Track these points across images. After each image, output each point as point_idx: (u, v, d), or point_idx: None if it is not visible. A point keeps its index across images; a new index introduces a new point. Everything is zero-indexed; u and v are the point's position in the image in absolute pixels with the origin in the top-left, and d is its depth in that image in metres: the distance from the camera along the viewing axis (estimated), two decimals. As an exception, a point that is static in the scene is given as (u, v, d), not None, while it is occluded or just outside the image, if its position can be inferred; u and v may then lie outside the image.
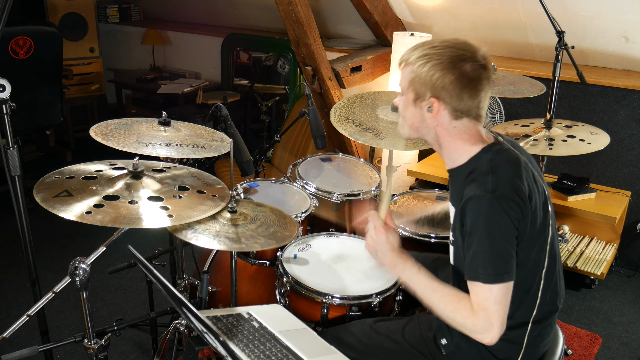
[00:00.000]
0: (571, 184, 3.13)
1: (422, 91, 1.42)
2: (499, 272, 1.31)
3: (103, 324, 1.95)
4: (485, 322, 1.31)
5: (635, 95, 3.09)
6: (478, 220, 1.34)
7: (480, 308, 1.32)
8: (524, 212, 1.35)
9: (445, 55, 1.38)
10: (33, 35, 3.50)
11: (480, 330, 1.32)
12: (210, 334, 1.16)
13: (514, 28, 3.38)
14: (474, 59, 1.39)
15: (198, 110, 4.46)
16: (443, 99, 1.40)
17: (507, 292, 1.33)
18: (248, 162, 2.10)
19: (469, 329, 1.34)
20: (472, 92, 1.39)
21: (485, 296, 1.32)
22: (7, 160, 1.67)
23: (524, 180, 1.37)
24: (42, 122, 3.88)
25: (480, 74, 1.39)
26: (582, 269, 2.99)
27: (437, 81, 1.38)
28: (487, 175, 1.36)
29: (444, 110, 1.42)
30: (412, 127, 1.51)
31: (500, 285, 1.31)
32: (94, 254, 1.52)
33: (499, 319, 1.30)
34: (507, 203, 1.32)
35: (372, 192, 2.31)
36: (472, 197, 1.35)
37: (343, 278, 1.79)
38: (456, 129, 1.44)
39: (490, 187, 1.34)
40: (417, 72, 1.41)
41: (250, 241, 1.62)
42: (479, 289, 1.33)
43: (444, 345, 1.52)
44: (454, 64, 1.37)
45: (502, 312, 1.31)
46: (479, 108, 1.42)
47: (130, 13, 5.51)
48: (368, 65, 3.75)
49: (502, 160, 1.40)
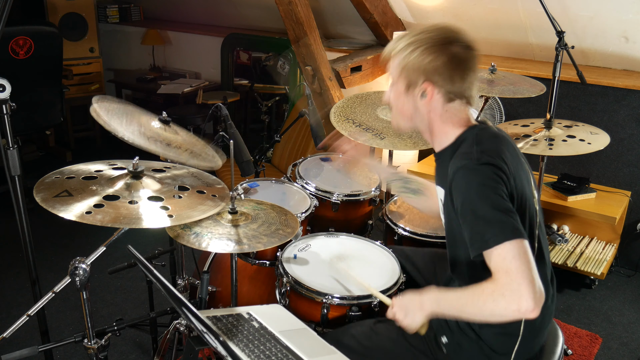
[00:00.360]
0: (571, 184, 3.14)
1: (414, 78, 1.43)
2: (507, 229, 1.25)
3: (103, 324, 1.96)
4: (511, 285, 1.20)
5: (635, 95, 3.09)
6: (469, 189, 1.31)
7: (500, 273, 1.23)
8: (509, 178, 1.33)
9: (433, 40, 1.40)
10: (33, 35, 3.50)
11: (511, 298, 1.20)
12: (210, 334, 1.16)
13: (514, 28, 3.38)
14: (460, 41, 1.41)
15: (198, 110, 4.45)
16: (436, 82, 1.41)
17: (524, 249, 1.23)
18: (248, 162, 2.10)
19: (502, 305, 1.22)
20: (462, 74, 1.41)
21: (501, 258, 1.23)
22: (7, 160, 1.67)
23: (506, 153, 1.38)
24: (42, 122, 3.88)
25: (469, 55, 1.41)
26: (582, 269, 2.99)
27: (429, 65, 1.40)
28: (472, 147, 1.37)
29: (438, 94, 1.43)
30: (405, 117, 1.51)
31: (512, 241, 1.23)
32: (94, 254, 1.52)
33: (525, 276, 1.20)
34: (494, 168, 1.32)
35: (372, 192, 2.31)
36: (459, 168, 1.35)
37: (343, 278, 1.79)
38: (448, 113, 1.45)
39: (476, 156, 1.34)
40: (407, 59, 1.42)
41: (253, 241, 1.62)
42: (492, 255, 1.25)
43: (445, 344, 1.51)
44: (444, 47, 1.39)
45: (526, 268, 1.21)
46: (470, 89, 1.44)
47: (130, 13, 5.51)
48: (368, 65, 3.76)
49: (487, 135, 1.42)
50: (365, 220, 2.38)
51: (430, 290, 1.42)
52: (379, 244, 1.98)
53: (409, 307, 1.45)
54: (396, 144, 2.22)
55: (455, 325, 1.50)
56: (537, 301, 1.20)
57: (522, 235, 1.26)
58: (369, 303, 1.69)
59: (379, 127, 2.32)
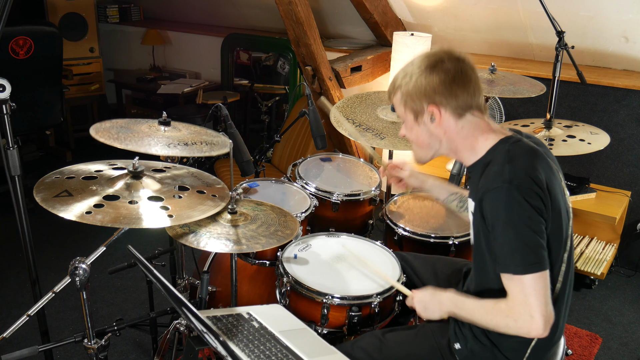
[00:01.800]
0: (571, 184, 3.14)
1: (417, 106, 1.45)
2: (529, 262, 1.29)
3: (103, 324, 1.96)
4: (524, 316, 1.28)
5: (635, 95, 3.09)
6: (498, 212, 1.33)
7: (517, 302, 1.30)
8: (544, 201, 1.33)
9: (423, 64, 1.43)
10: (33, 35, 3.50)
11: (521, 325, 1.29)
12: (210, 334, 1.16)
13: (514, 28, 3.38)
14: (450, 57, 1.42)
15: (198, 110, 4.46)
16: (440, 102, 1.42)
17: (542, 282, 1.29)
18: (248, 162, 2.10)
19: (513, 329, 1.32)
20: (462, 85, 1.41)
21: (518, 289, 1.30)
22: (7, 160, 1.67)
23: (540, 171, 1.36)
24: (42, 122, 3.88)
25: (461, 66, 1.42)
26: (582, 269, 2.99)
27: (427, 88, 1.42)
28: (504, 166, 1.36)
29: (446, 113, 1.43)
30: (423, 147, 1.52)
31: (532, 275, 1.29)
32: (94, 254, 1.52)
33: (538, 309, 1.27)
34: (526, 192, 1.31)
35: (372, 192, 2.31)
36: (490, 189, 1.34)
37: (343, 278, 1.79)
38: (464, 129, 1.45)
39: (508, 177, 1.33)
40: (405, 91, 1.46)
41: (251, 242, 1.62)
42: (511, 282, 1.32)
43: (458, 350, 1.51)
44: (433, 67, 1.42)
45: (541, 302, 1.28)
46: (476, 98, 1.44)
47: (130, 13, 5.51)
48: (368, 65, 3.75)
49: (519, 151, 1.40)
50: (365, 220, 2.38)
51: (450, 292, 1.49)
52: (379, 244, 1.98)
53: (429, 303, 1.53)
54: (396, 144, 2.22)
55: (469, 332, 1.49)
56: (547, 327, 1.29)
57: (544, 267, 1.31)
58: (369, 304, 1.69)
59: (379, 127, 2.32)
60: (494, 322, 1.36)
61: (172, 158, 1.93)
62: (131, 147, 1.71)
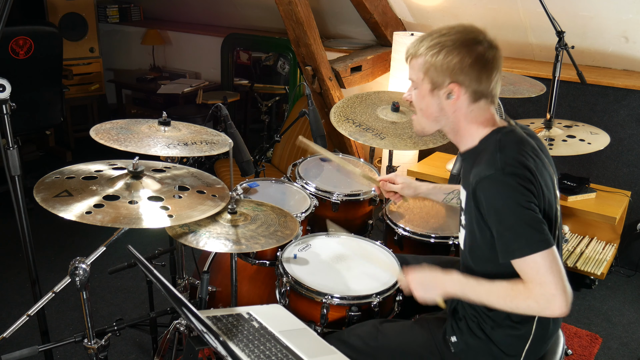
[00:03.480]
0: (571, 184, 3.14)
1: (439, 79, 1.42)
2: (536, 241, 1.28)
3: (103, 324, 1.96)
4: (545, 295, 1.26)
5: (635, 95, 3.09)
6: (494, 199, 1.32)
7: (534, 284, 1.28)
8: (536, 186, 1.33)
9: (459, 41, 1.39)
10: (33, 35, 3.50)
11: (545, 305, 1.27)
12: (210, 334, 1.16)
13: (514, 28, 3.38)
14: (485, 41, 1.41)
15: (198, 110, 4.46)
16: (462, 82, 1.41)
17: (554, 258, 1.28)
18: (248, 162, 2.10)
19: (535, 310, 1.29)
20: (489, 73, 1.41)
21: (533, 270, 1.28)
22: (7, 160, 1.67)
23: (529, 159, 1.36)
24: (42, 122, 3.88)
25: (494, 54, 1.42)
26: (582, 269, 2.99)
27: (456, 66, 1.39)
28: (495, 154, 1.36)
29: (464, 94, 1.42)
30: (430, 119, 1.49)
31: (541, 253, 1.27)
32: (94, 254, 1.52)
33: (557, 286, 1.26)
34: (520, 177, 1.31)
35: (372, 192, 2.31)
36: (483, 177, 1.34)
37: (343, 278, 1.79)
38: (473, 113, 1.45)
39: (500, 165, 1.33)
40: (432, 61, 1.41)
41: (251, 242, 1.62)
42: (523, 265, 1.30)
43: (454, 343, 1.51)
44: (469, 47, 1.39)
45: (557, 278, 1.26)
46: (495, 88, 1.45)
47: (130, 13, 5.51)
48: (368, 65, 3.76)
49: (510, 140, 1.41)
50: (365, 220, 2.38)
51: (453, 273, 1.45)
52: (379, 244, 1.98)
53: (429, 283, 1.47)
54: (396, 144, 2.22)
55: (465, 326, 1.50)
56: (569, 304, 1.27)
57: (551, 244, 1.29)
58: (369, 303, 1.69)
59: (379, 127, 2.31)
60: (514, 305, 1.32)
61: (172, 158, 1.94)
62: (131, 148, 1.71)
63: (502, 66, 1.45)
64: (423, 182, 2.01)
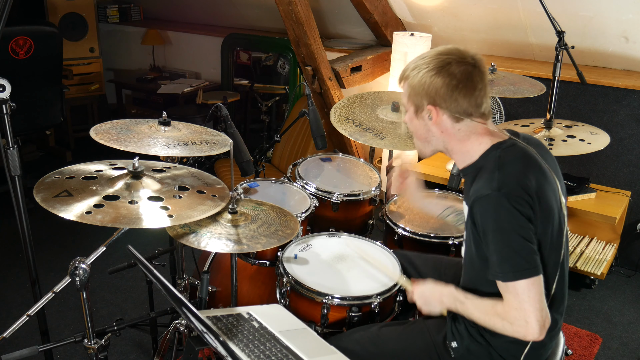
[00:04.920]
0: (571, 184, 3.14)
1: (419, 102, 1.46)
2: (520, 269, 1.30)
3: (103, 324, 1.96)
4: (519, 320, 1.31)
5: (635, 95, 3.09)
6: (488, 219, 1.34)
7: (512, 307, 1.32)
8: (534, 208, 1.33)
9: (433, 63, 1.42)
10: (33, 35, 3.50)
11: (517, 330, 1.32)
12: (210, 334, 1.16)
13: (514, 28, 3.38)
14: (461, 60, 1.40)
15: (198, 110, 4.45)
16: (439, 104, 1.42)
17: (536, 287, 1.30)
18: (248, 162, 2.10)
19: (510, 331, 1.34)
20: (465, 92, 1.40)
21: (512, 295, 1.32)
22: (7, 160, 1.67)
23: (530, 177, 1.36)
24: (42, 122, 3.88)
25: (470, 72, 1.39)
26: (582, 269, 2.99)
27: (430, 88, 1.41)
28: (494, 173, 1.36)
29: (443, 115, 1.43)
30: (422, 140, 1.53)
31: (524, 281, 1.30)
32: (94, 254, 1.52)
33: (533, 315, 1.29)
34: (514, 200, 1.31)
35: (372, 192, 2.31)
36: (479, 197, 1.35)
37: (343, 278, 1.79)
38: (461, 132, 1.45)
39: (496, 185, 1.33)
40: (411, 84, 1.45)
41: (251, 242, 1.62)
42: (504, 288, 1.34)
43: (454, 349, 1.51)
44: (441, 68, 1.40)
45: (535, 308, 1.30)
46: (478, 106, 1.42)
47: (130, 13, 5.51)
48: (368, 65, 3.75)
49: (510, 157, 1.40)
50: (365, 220, 2.38)
51: (450, 288, 1.51)
52: (379, 244, 1.98)
53: (430, 297, 1.55)
54: (396, 144, 2.22)
55: (465, 331, 1.50)
56: (543, 331, 1.31)
57: (536, 273, 1.31)
58: (369, 304, 1.69)
59: (379, 127, 2.32)
60: (492, 323, 1.38)
61: (172, 158, 1.94)
62: (131, 148, 1.71)
63: (484, 82, 1.42)
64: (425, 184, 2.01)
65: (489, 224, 1.34)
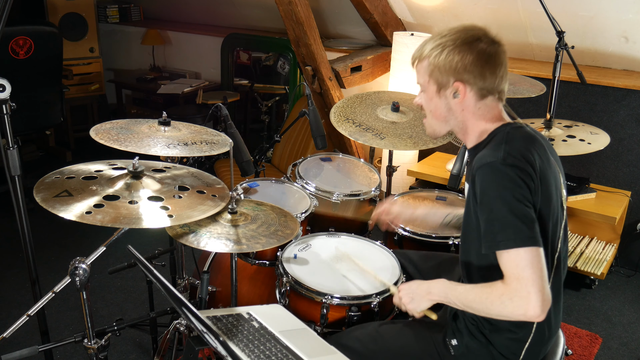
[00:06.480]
0: (571, 184, 3.14)
1: (443, 79, 1.44)
2: (522, 235, 1.26)
3: (103, 324, 1.96)
4: (520, 292, 1.23)
5: (635, 95, 3.09)
6: (490, 187, 1.32)
7: (512, 278, 1.25)
8: (535, 183, 1.32)
9: (459, 39, 1.41)
10: (33, 35, 3.50)
11: (519, 304, 1.23)
12: (210, 334, 1.16)
13: (514, 28, 3.38)
14: (487, 37, 1.42)
15: (198, 110, 4.46)
16: (467, 80, 1.42)
17: (538, 257, 1.24)
18: (248, 162, 2.10)
19: (509, 309, 1.26)
20: (492, 69, 1.42)
21: (513, 264, 1.25)
22: (7, 160, 1.67)
23: (535, 156, 1.36)
24: (42, 122, 3.88)
25: (497, 50, 1.42)
26: (582, 269, 2.99)
27: (458, 64, 1.41)
28: (501, 145, 1.36)
29: (470, 92, 1.44)
30: (439, 120, 1.51)
31: (527, 249, 1.24)
32: (94, 254, 1.52)
33: (535, 285, 1.22)
34: (519, 170, 1.30)
35: (372, 192, 2.31)
36: (483, 164, 1.34)
37: (343, 278, 1.79)
38: (480, 110, 1.46)
39: (502, 155, 1.33)
40: (435, 62, 1.44)
41: (251, 242, 1.62)
42: (504, 258, 1.27)
43: (454, 346, 1.51)
44: (470, 45, 1.41)
45: (537, 276, 1.23)
46: (501, 84, 1.45)
47: (130, 13, 5.51)
48: (368, 65, 3.75)
49: (518, 134, 1.41)
50: (365, 220, 2.37)
51: (439, 280, 1.47)
52: (379, 244, 1.98)
53: (415, 292, 1.51)
54: (396, 144, 2.22)
55: (465, 329, 1.50)
56: (544, 308, 1.23)
57: (538, 244, 1.26)
58: (369, 304, 1.69)
59: (379, 127, 2.32)
60: (489, 302, 1.30)
61: (172, 158, 1.94)
62: (131, 148, 1.71)
63: (506, 62, 1.45)
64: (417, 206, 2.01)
65: (491, 191, 1.31)
